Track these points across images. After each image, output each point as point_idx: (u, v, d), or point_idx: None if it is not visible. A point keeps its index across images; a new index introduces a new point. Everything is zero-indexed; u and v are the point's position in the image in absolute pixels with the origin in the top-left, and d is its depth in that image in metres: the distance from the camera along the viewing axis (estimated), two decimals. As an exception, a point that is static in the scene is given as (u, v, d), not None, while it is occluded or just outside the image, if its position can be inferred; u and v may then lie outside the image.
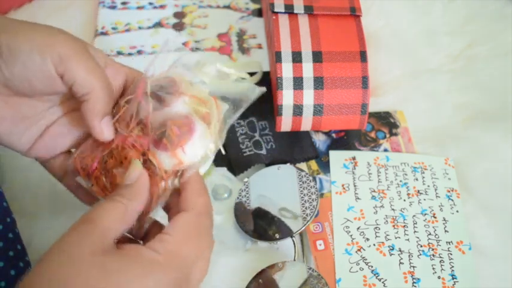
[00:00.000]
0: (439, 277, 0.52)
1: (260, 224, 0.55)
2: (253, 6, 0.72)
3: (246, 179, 0.58)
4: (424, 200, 0.57)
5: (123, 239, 0.39)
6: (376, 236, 0.55)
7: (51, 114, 0.44)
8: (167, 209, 0.43)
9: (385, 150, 0.61)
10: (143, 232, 0.42)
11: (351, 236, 0.55)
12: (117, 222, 0.37)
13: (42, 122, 0.44)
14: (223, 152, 0.59)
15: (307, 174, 0.57)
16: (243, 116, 0.62)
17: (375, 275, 0.52)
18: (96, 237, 0.36)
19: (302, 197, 0.55)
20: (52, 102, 0.44)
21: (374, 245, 0.54)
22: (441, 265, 0.53)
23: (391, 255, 0.54)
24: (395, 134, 0.62)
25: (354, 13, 0.56)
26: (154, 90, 0.43)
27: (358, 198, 0.57)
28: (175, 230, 0.39)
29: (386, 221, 0.56)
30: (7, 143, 0.43)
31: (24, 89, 0.41)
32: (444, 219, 0.56)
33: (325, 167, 0.59)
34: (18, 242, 0.50)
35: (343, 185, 0.58)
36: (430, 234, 0.55)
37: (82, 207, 0.56)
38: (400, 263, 0.53)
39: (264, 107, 0.60)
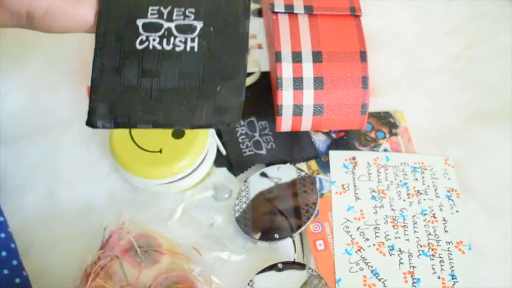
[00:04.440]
0: (438, 277, 0.52)
1: (260, 224, 0.55)
2: (253, 6, 0.72)
3: (246, 179, 0.58)
4: (424, 200, 0.57)
5: None
6: (376, 236, 0.55)
7: None
8: None
9: (385, 150, 0.61)
10: None
11: (351, 236, 0.55)
12: None
13: None
14: (223, 152, 0.59)
15: (307, 174, 0.57)
16: (243, 116, 0.61)
17: (374, 275, 0.52)
18: None
19: (302, 197, 0.55)
20: None
21: (374, 245, 0.54)
22: (441, 265, 0.53)
23: (391, 255, 0.54)
24: (395, 134, 0.62)
25: (354, 13, 0.56)
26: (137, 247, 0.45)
27: (358, 198, 0.57)
28: None
29: (386, 221, 0.56)
30: (68, 17, 0.42)
31: None
32: (444, 219, 0.56)
33: (325, 167, 0.59)
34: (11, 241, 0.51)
35: (343, 185, 0.58)
36: (430, 234, 0.55)
37: (82, 209, 0.57)
38: (400, 263, 0.53)
39: (264, 107, 0.61)
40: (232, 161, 0.59)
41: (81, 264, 0.51)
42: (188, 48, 0.43)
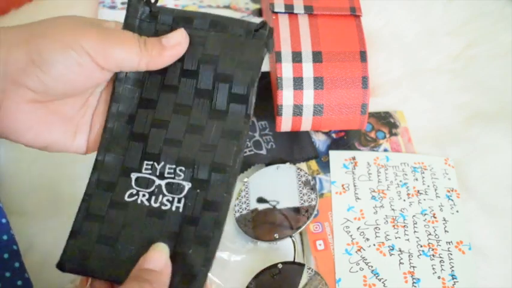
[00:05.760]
0: (439, 277, 0.52)
1: (260, 224, 0.55)
2: (253, 6, 0.72)
3: (245, 179, 0.58)
4: (424, 200, 0.57)
5: None
6: (376, 236, 0.55)
7: (92, 103, 0.44)
8: None
9: (385, 150, 0.61)
10: None
11: (351, 236, 0.55)
12: None
13: (88, 113, 0.44)
14: None
15: (306, 173, 0.57)
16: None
17: (374, 275, 0.52)
18: None
19: (301, 197, 0.55)
20: (88, 93, 0.44)
21: (374, 245, 0.54)
22: (441, 265, 0.53)
23: (391, 255, 0.54)
24: (395, 134, 0.62)
25: (354, 13, 0.56)
26: None
27: (358, 198, 0.57)
28: None
29: (386, 221, 0.56)
30: (66, 150, 0.43)
31: (65, 90, 0.40)
32: (444, 219, 0.56)
33: (325, 167, 0.59)
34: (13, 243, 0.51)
35: (343, 185, 0.58)
36: (430, 234, 0.55)
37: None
38: (400, 263, 0.53)
39: (264, 107, 0.61)
40: (232, 161, 0.59)
41: (81, 264, 0.51)
42: (174, 208, 0.42)
